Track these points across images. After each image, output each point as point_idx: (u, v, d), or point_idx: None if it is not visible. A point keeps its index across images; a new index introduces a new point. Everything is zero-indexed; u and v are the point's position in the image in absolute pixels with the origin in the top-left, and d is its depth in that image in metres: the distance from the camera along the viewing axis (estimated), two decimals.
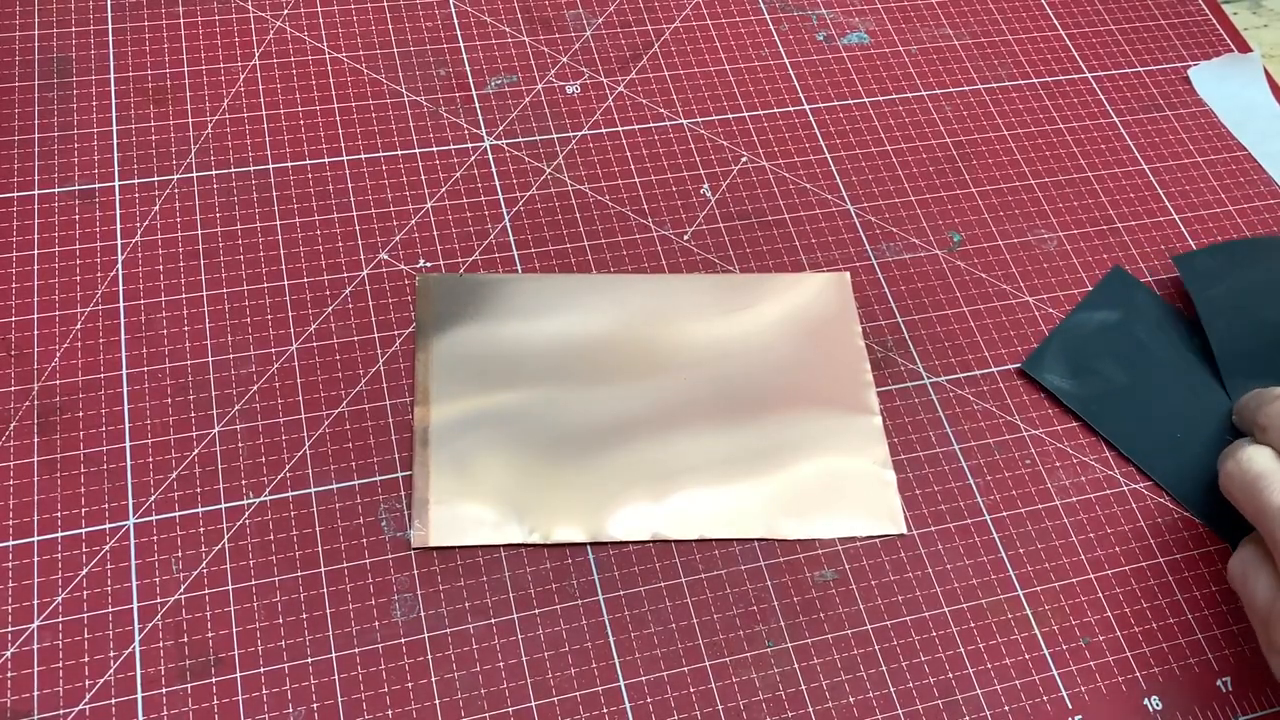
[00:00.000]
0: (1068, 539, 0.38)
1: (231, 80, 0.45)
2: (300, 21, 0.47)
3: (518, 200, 0.43)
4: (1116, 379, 0.41)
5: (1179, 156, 0.49)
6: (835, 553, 0.37)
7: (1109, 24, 0.53)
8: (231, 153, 0.43)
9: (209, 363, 0.38)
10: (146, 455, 0.36)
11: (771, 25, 0.51)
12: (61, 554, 0.34)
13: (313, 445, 0.37)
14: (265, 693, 0.33)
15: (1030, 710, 0.35)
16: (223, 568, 0.35)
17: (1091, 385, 0.41)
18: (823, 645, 0.35)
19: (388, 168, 0.44)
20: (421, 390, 0.38)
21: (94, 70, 0.45)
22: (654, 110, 0.47)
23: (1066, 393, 0.40)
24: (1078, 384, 0.40)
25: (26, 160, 0.42)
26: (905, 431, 0.39)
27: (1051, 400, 0.41)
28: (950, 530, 0.38)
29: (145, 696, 0.32)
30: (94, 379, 0.37)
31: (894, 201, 0.45)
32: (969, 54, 0.51)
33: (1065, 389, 0.40)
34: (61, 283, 0.39)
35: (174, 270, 0.40)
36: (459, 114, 0.46)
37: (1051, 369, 0.41)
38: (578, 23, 0.49)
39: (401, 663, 0.34)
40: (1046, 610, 0.36)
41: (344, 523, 0.36)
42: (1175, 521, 0.39)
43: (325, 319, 0.40)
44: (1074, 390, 0.40)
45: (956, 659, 0.35)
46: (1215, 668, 0.36)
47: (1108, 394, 0.40)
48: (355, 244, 0.41)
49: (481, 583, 0.35)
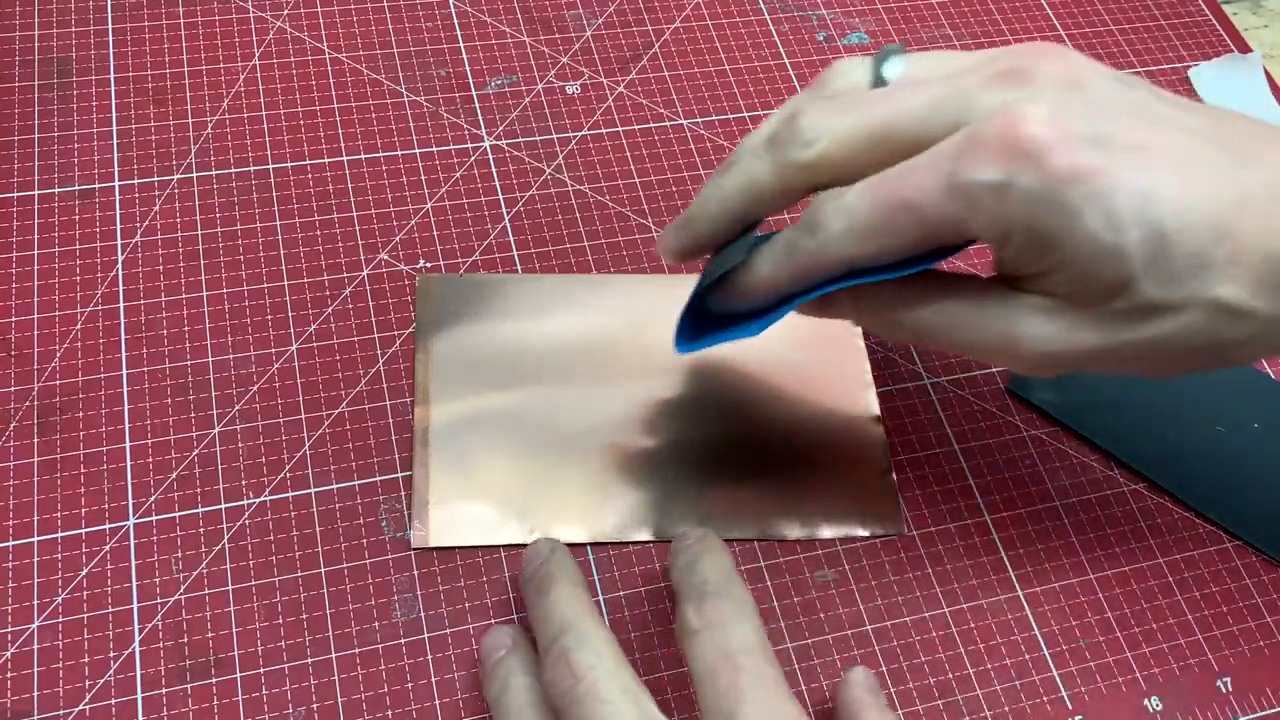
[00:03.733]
0: (1068, 539, 0.38)
1: (231, 80, 0.45)
2: (300, 21, 0.47)
3: (518, 200, 0.43)
4: (1103, 386, 0.41)
5: None
6: (835, 553, 0.37)
7: (1109, 24, 0.53)
8: (231, 153, 0.43)
9: (209, 363, 0.38)
10: (146, 455, 0.36)
11: (771, 25, 0.51)
12: (61, 554, 0.34)
13: (313, 445, 0.37)
14: (265, 693, 0.33)
15: (1030, 710, 0.35)
16: (223, 568, 0.35)
17: (1079, 395, 0.40)
18: (823, 645, 0.35)
19: (388, 168, 0.44)
20: (421, 390, 0.38)
21: (94, 70, 0.45)
22: (654, 110, 0.47)
23: (1057, 406, 0.40)
24: (1066, 396, 0.40)
25: (26, 160, 0.42)
26: (905, 431, 0.39)
27: None
28: (950, 530, 0.38)
29: (145, 697, 0.32)
30: (94, 379, 0.37)
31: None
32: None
33: (1055, 403, 0.40)
34: (61, 283, 0.39)
35: (174, 270, 0.40)
36: (459, 114, 0.46)
37: (1039, 385, 0.41)
38: (578, 23, 0.49)
39: (401, 663, 0.34)
40: (1046, 610, 0.36)
41: (344, 523, 0.36)
42: (1175, 521, 0.39)
43: (325, 319, 0.40)
44: (1063, 403, 0.40)
45: (956, 659, 0.35)
46: (1215, 668, 0.36)
47: (1097, 402, 0.40)
48: (355, 244, 0.41)
49: (481, 583, 0.35)
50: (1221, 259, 0.27)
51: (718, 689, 0.28)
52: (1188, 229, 0.26)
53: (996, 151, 0.26)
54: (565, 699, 0.28)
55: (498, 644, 0.32)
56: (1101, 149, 0.27)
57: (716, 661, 0.28)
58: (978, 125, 0.27)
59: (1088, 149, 0.26)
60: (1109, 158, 0.26)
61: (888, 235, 0.28)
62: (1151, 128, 0.27)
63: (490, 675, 0.31)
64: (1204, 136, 0.28)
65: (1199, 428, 0.40)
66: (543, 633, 0.30)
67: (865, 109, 0.29)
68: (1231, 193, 0.27)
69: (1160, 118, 0.28)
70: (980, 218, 0.27)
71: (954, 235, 0.28)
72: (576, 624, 0.29)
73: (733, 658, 0.28)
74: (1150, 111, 0.28)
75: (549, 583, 0.31)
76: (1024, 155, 0.26)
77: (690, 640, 0.29)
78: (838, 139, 0.28)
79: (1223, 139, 0.28)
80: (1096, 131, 0.27)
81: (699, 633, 0.29)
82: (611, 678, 0.28)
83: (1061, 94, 0.27)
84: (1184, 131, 0.28)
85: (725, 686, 0.28)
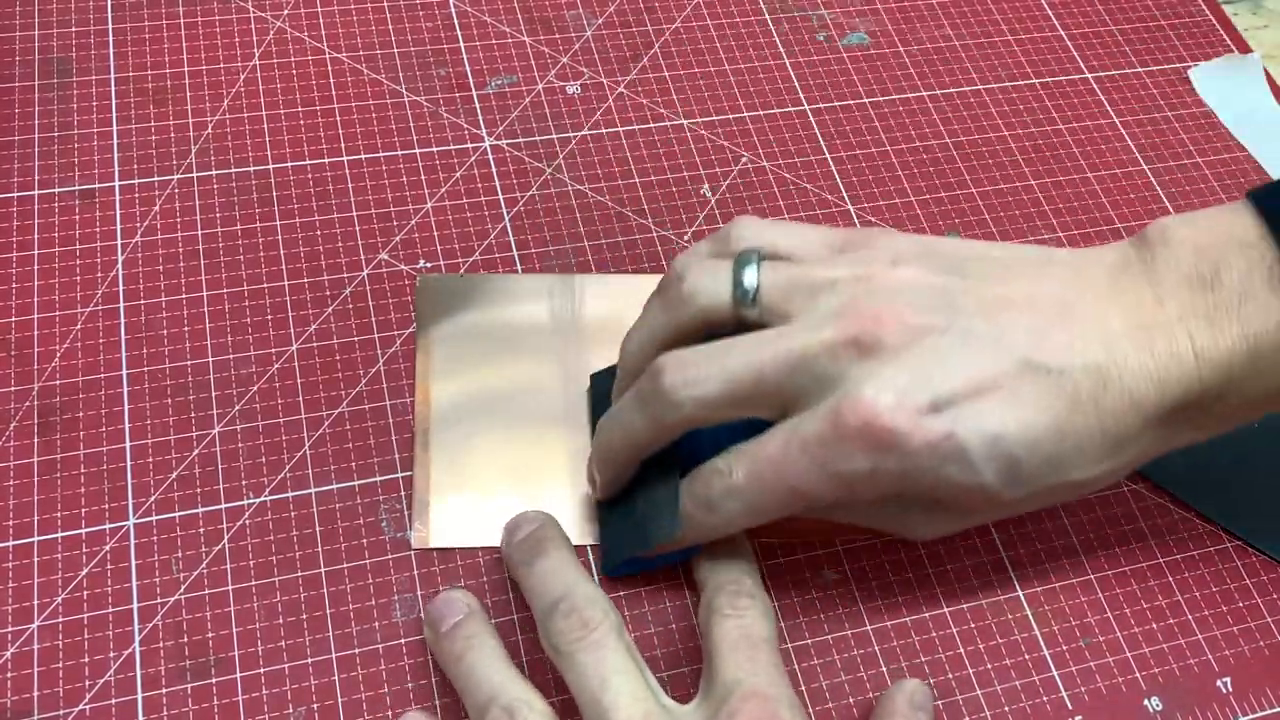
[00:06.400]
0: (1068, 539, 0.38)
1: (231, 80, 0.45)
2: (300, 21, 0.47)
3: (518, 200, 0.43)
4: None
5: (1179, 157, 0.49)
6: (835, 553, 0.37)
7: (1109, 24, 0.53)
8: (231, 153, 0.43)
9: (209, 363, 0.38)
10: (146, 455, 0.36)
11: (771, 25, 0.51)
12: (61, 554, 0.34)
13: (313, 445, 0.37)
14: (265, 693, 0.33)
15: (1030, 710, 0.35)
16: (223, 568, 0.35)
17: None
18: (823, 645, 0.35)
19: (388, 168, 0.44)
20: (421, 390, 0.38)
21: (94, 70, 0.45)
22: (654, 110, 0.47)
23: None
24: None
25: (26, 160, 0.42)
26: None
27: None
28: None
29: (145, 697, 0.32)
30: (94, 379, 0.37)
31: (894, 201, 0.45)
32: (969, 54, 0.51)
33: None
34: (61, 283, 0.39)
35: (174, 270, 0.40)
36: (459, 114, 0.46)
37: None
38: (578, 23, 0.49)
39: (401, 663, 0.34)
40: (1046, 610, 0.36)
41: (344, 523, 0.36)
42: (1175, 522, 0.39)
43: (325, 319, 0.40)
44: None
45: (956, 659, 0.35)
46: (1215, 668, 0.36)
47: None
48: (355, 244, 0.41)
49: (481, 583, 0.35)
50: (1068, 452, 0.31)
51: (737, 661, 0.30)
52: (1034, 444, 0.30)
53: (860, 445, 0.30)
54: (573, 646, 0.30)
55: (454, 608, 0.33)
56: (948, 413, 0.30)
57: (740, 641, 0.31)
58: (839, 414, 0.30)
59: (935, 419, 0.30)
60: (954, 418, 0.30)
61: (776, 510, 0.32)
62: (985, 363, 0.30)
63: (449, 636, 0.32)
64: (1028, 338, 0.31)
65: None
66: (544, 592, 0.32)
67: (726, 373, 0.31)
68: (1060, 404, 0.30)
69: (993, 341, 0.31)
70: (862, 493, 0.31)
71: (832, 501, 0.32)
72: (583, 584, 0.31)
73: (755, 643, 0.31)
74: (979, 337, 0.31)
75: (547, 545, 0.33)
76: (884, 446, 0.30)
77: (718, 619, 0.31)
78: (703, 403, 0.31)
79: (1046, 327, 0.31)
80: (939, 396, 0.30)
81: (729, 616, 0.31)
82: (619, 634, 0.30)
83: (903, 363, 0.30)
84: (1013, 347, 0.31)
85: (744, 659, 0.30)
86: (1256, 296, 0.30)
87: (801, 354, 0.30)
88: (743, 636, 0.31)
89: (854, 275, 0.31)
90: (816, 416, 0.30)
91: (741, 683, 0.29)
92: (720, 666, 0.30)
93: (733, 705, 0.29)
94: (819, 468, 0.30)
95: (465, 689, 0.31)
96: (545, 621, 0.31)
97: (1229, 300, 0.30)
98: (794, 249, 0.33)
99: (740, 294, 0.32)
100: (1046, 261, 0.33)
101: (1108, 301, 0.32)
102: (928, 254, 0.32)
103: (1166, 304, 0.31)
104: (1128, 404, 0.31)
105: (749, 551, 0.35)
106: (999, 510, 0.33)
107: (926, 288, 0.31)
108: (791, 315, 0.31)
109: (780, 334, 0.31)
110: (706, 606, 0.32)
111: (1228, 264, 0.31)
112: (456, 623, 0.32)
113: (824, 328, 0.31)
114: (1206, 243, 0.31)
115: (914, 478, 0.30)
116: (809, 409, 0.31)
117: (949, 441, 0.30)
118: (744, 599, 0.32)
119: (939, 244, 0.33)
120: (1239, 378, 0.31)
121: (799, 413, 0.31)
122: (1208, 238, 0.31)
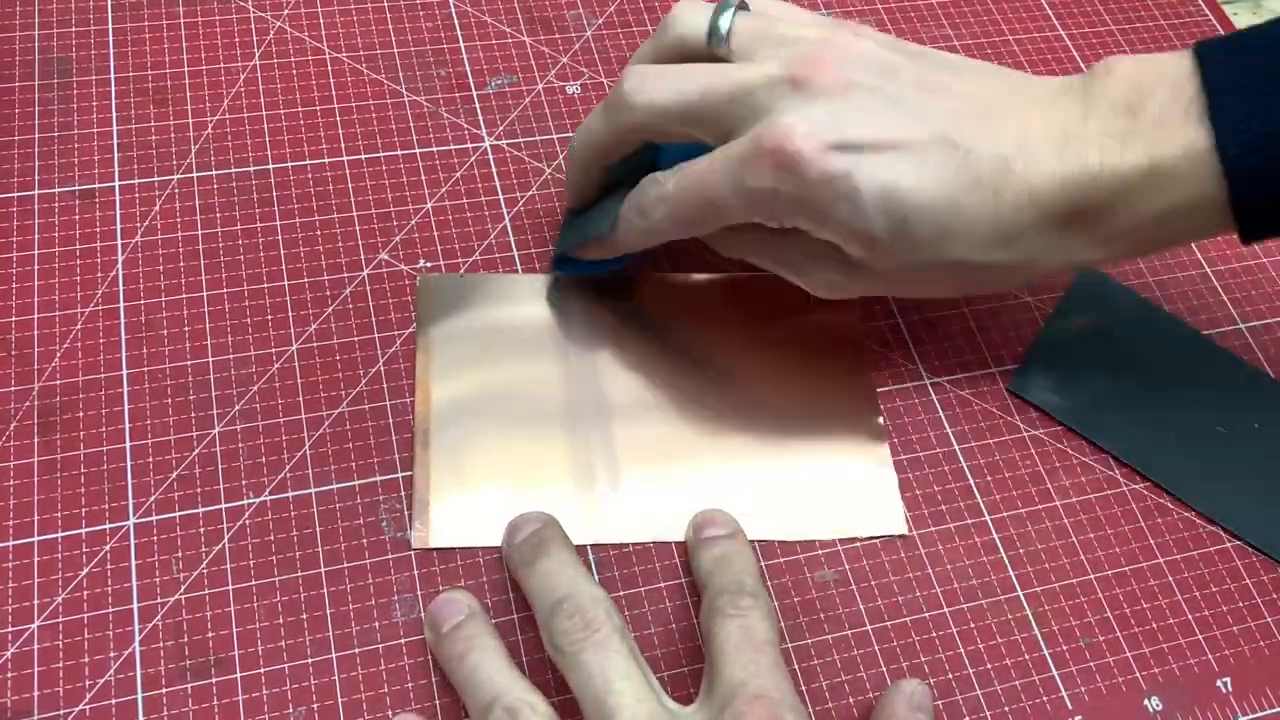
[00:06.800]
0: (1068, 539, 0.38)
1: (231, 80, 0.45)
2: (300, 21, 0.47)
3: (518, 200, 0.43)
4: (1103, 386, 0.41)
5: None
6: (835, 553, 0.37)
7: (1109, 24, 0.53)
8: (231, 153, 0.43)
9: (209, 363, 0.38)
10: (146, 455, 0.36)
11: None
12: (61, 554, 0.34)
13: (313, 445, 0.37)
14: (265, 693, 0.33)
15: (1030, 710, 0.35)
16: (223, 568, 0.35)
17: (1080, 396, 0.40)
18: (823, 645, 0.35)
19: (388, 168, 0.44)
20: (422, 390, 0.38)
21: (94, 70, 0.45)
22: None
23: (1057, 407, 0.40)
24: (1066, 397, 0.40)
25: (26, 160, 0.42)
26: (905, 431, 0.39)
27: None
28: (950, 530, 0.38)
29: (145, 697, 0.32)
30: (94, 379, 0.37)
31: None
32: (969, 54, 0.51)
33: (1056, 404, 0.40)
34: (61, 283, 0.39)
35: (174, 270, 0.40)
36: (459, 114, 0.46)
37: (1039, 387, 0.41)
38: (578, 23, 0.49)
39: (401, 663, 0.34)
40: (1046, 610, 0.36)
41: (344, 523, 0.36)
42: (1175, 521, 0.39)
43: (325, 319, 0.40)
44: (1064, 404, 0.40)
45: (956, 659, 0.35)
46: (1215, 668, 0.36)
47: (1097, 403, 0.40)
48: (355, 244, 0.41)
49: (481, 583, 0.35)
50: (959, 228, 0.34)
51: (741, 662, 0.30)
52: (925, 207, 0.33)
53: (769, 164, 0.33)
54: (576, 646, 0.30)
55: (455, 609, 0.33)
56: (851, 155, 0.33)
57: (743, 642, 0.31)
58: (759, 134, 0.33)
59: (839, 156, 0.33)
60: (856, 162, 0.33)
61: (697, 221, 0.36)
62: (902, 124, 0.33)
63: (450, 636, 0.32)
64: (951, 119, 0.34)
65: (1199, 428, 0.40)
66: (547, 592, 0.32)
67: (678, 87, 0.35)
68: (961, 178, 0.33)
69: (917, 111, 0.34)
70: (761, 212, 0.34)
71: (744, 220, 0.35)
72: (586, 586, 0.32)
73: (758, 645, 0.31)
74: (906, 105, 0.34)
75: (549, 545, 0.33)
76: (787, 167, 0.33)
77: (720, 619, 0.32)
78: (652, 110, 0.35)
79: (971, 115, 0.34)
80: (847, 139, 0.33)
81: (732, 617, 0.32)
82: (622, 636, 0.31)
83: (828, 104, 0.33)
84: (933, 121, 0.34)
85: (748, 661, 0.30)
86: (1170, 124, 0.33)
87: (744, 84, 0.34)
88: (745, 637, 0.31)
89: (820, 36, 0.35)
90: (743, 139, 0.34)
91: (746, 684, 0.29)
92: (723, 667, 0.30)
93: (738, 707, 0.29)
94: (734, 182, 0.34)
95: (467, 690, 0.31)
96: (548, 622, 0.31)
97: (1144, 125, 0.33)
98: (782, 15, 0.37)
99: (712, 31, 0.35)
100: (997, 74, 0.36)
101: (1037, 111, 0.34)
102: (894, 42, 0.36)
103: (1089, 121, 0.34)
104: (1026, 198, 0.33)
105: (750, 552, 0.35)
106: (893, 281, 0.36)
107: (875, 57, 0.35)
108: (754, 59, 0.35)
109: (736, 67, 0.35)
110: (708, 607, 0.32)
111: (1154, 95, 0.33)
112: (457, 623, 0.32)
113: (771, 66, 0.34)
114: (1142, 78, 0.34)
115: (809, 209, 0.33)
116: (743, 135, 0.34)
117: (844, 180, 0.33)
118: (746, 599, 0.32)
119: (912, 44, 0.36)
120: (1131, 194, 0.33)
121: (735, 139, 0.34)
122: (1145, 74, 0.34)
